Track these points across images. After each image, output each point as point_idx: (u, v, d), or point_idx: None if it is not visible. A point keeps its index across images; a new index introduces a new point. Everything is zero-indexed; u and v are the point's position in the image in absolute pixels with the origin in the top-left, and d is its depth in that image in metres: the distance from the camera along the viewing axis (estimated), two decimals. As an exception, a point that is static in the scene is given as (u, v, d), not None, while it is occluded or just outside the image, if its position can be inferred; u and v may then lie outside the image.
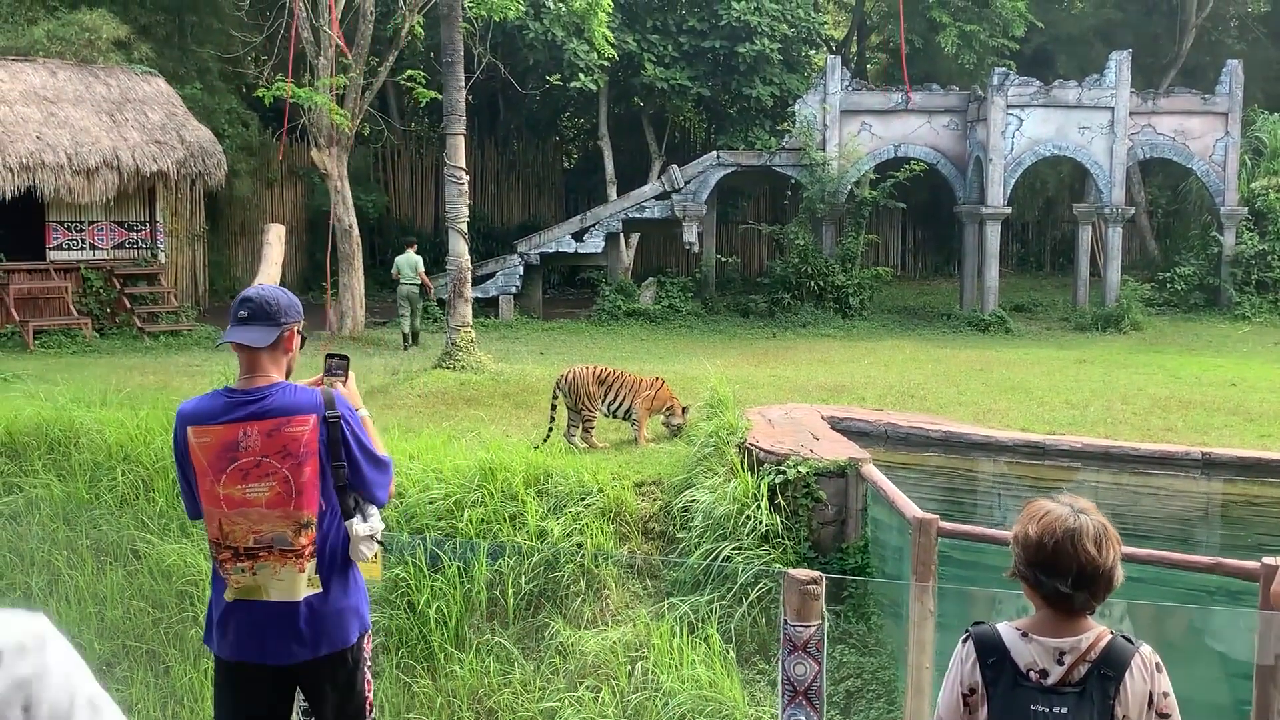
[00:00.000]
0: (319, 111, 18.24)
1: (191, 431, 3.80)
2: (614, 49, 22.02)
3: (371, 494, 3.97)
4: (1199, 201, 24.90)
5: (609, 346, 18.21)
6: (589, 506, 8.30)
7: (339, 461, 3.85)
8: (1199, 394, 12.82)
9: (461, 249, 15.25)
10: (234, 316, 3.85)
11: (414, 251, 18.36)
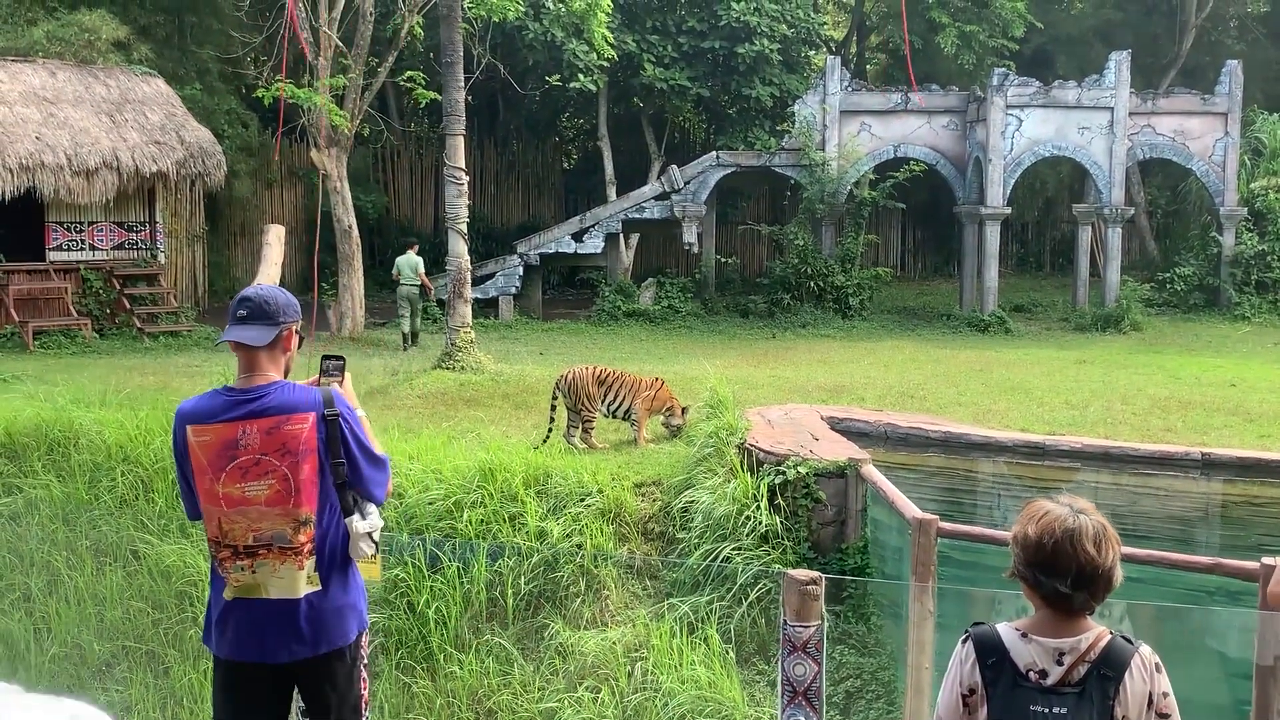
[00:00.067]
0: (318, 112, 18.24)
1: (191, 430, 3.80)
2: (613, 49, 22.03)
3: (370, 492, 3.98)
4: (1198, 202, 24.90)
5: (608, 347, 18.21)
6: (589, 507, 8.29)
7: (338, 459, 3.85)
8: (1199, 394, 12.81)
9: (461, 249, 15.25)
10: (232, 316, 3.87)
11: (415, 252, 18.37)
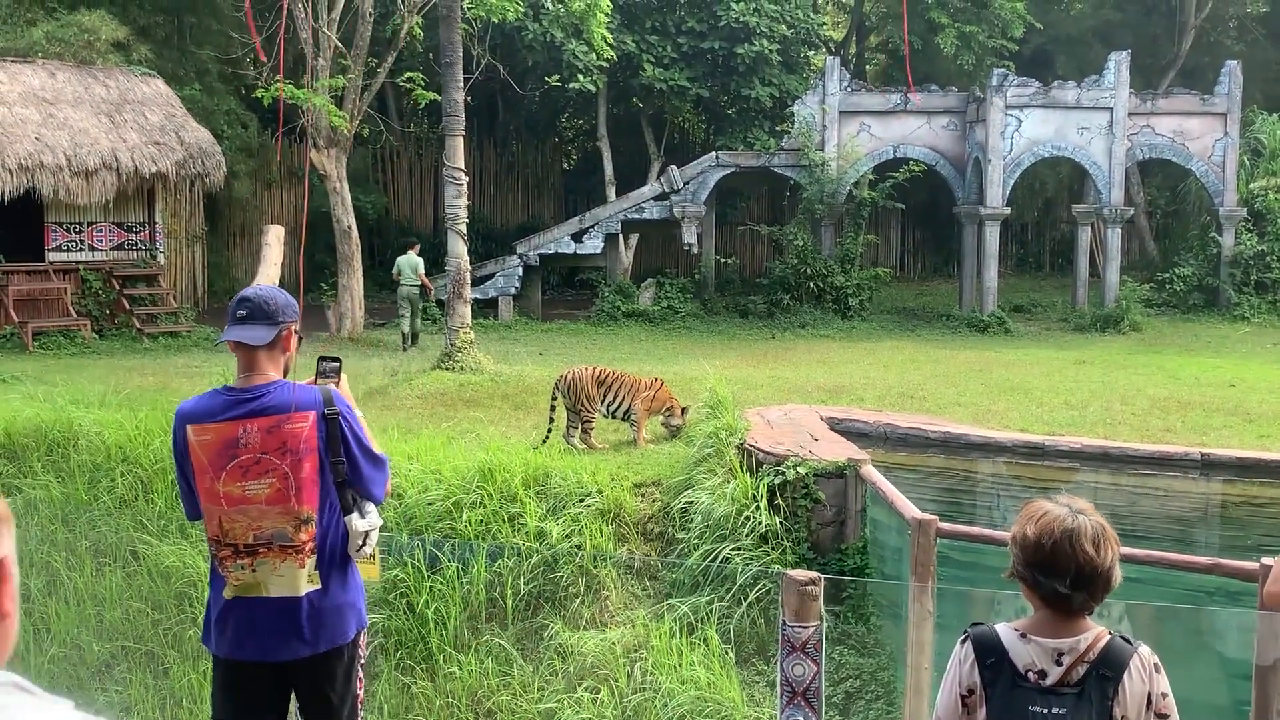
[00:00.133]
0: (318, 113, 18.23)
1: (191, 430, 3.81)
2: (613, 50, 22.02)
3: (369, 491, 3.99)
4: (1198, 202, 24.90)
5: (608, 347, 18.20)
6: (588, 507, 8.29)
7: (338, 458, 3.87)
8: (1198, 395, 12.81)
9: (460, 250, 15.25)
10: (232, 316, 3.88)
11: (415, 253, 18.36)
